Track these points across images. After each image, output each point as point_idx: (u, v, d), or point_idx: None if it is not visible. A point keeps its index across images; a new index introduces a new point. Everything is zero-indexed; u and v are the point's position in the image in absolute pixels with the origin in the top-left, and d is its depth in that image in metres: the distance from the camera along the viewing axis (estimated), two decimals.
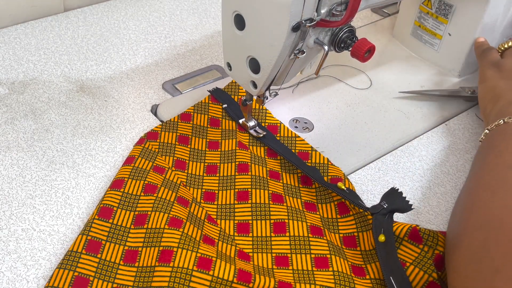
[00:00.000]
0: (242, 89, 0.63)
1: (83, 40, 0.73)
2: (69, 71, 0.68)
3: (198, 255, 0.44)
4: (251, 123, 0.58)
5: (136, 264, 0.45)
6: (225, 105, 0.61)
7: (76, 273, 0.44)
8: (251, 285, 0.43)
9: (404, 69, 0.73)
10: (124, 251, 0.46)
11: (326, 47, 0.48)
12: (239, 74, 0.51)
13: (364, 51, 0.48)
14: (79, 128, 0.59)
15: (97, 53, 0.71)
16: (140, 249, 0.46)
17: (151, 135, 0.57)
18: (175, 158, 0.55)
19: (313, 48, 0.49)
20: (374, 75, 0.71)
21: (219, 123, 0.60)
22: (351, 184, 0.53)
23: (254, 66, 0.49)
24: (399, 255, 0.44)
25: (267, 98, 0.54)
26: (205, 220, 0.49)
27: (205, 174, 0.55)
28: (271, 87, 0.51)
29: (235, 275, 0.42)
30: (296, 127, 0.62)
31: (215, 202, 0.52)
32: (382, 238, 0.45)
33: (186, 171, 0.54)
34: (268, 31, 0.45)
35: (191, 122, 0.59)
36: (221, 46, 0.53)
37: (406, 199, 0.46)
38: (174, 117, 0.60)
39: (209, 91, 0.62)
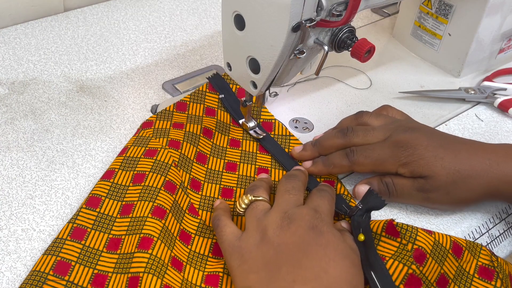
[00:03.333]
0: None
1: (83, 40, 0.73)
2: (69, 71, 0.68)
3: (172, 254, 0.45)
4: (251, 124, 0.58)
5: (118, 252, 0.46)
6: (221, 96, 0.61)
7: (58, 258, 0.45)
8: None
9: (404, 69, 0.73)
10: (108, 239, 0.47)
11: (326, 47, 0.48)
12: (239, 74, 0.51)
13: (364, 51, 0.48)
14: (79, 128, 0.59)
15: (97, 53, 0.71)
16: (123, 237, 0.47)
17: (146, 125, 0.58)
18: (169, 138, 0.55)
19: (313, 48, 0.49)
20: (374, 75, 0.71)
21: (214, 113, 0.60)
22: (345, 187, 0.53)
23: (254, 66, 0.49)
24: (378, 251, 0.45)
25: (267, 99, 0.54)
26: (186, 210, 0.50)
27: (195, 160, 0.55)
28: (271, 87, 0.52)
29: (203, 281, 0.45)
30: (296, 127, 0.62)
31: (200, 192, 0.52)
32: (361, 237, 0.45)
33: (179, 150, 0.54)
34: (268, 31, 0.45)
35: (186, 112, 0.60)
36: (221, 46, 0.53)
37: (379, 195, 0.48)
38: (170, 106, 0.60)
39: (208, 78, 0.63)
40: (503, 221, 0.54)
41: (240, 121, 0.59)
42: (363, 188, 0.52)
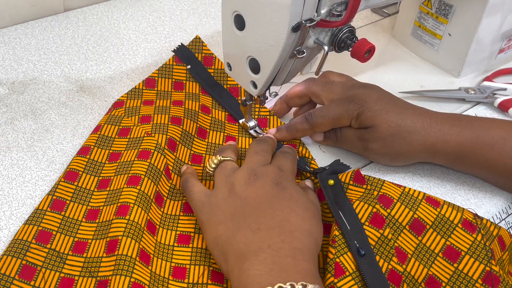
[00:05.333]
0: (206, 46, 0.65)
1: (83, 40, 0.73)
2: (69, 71, 0.68)
3: (148, 218, 0.47)
4: (251, 124, 0.58)
5: (97, 221, 0.48)
6: (188, 66, 0.63)
7: (40, 228, 0.47)
8: (190, 245, 0.48)
9: (404, 69, 0.73)
10: (87, 210, 0.49)
11: (326, 47, 0.48)
12: (239, 74, 0.51)
13: (364, 51, 0.48)
14: (79, 128, 0.59)
15: (97, 53, 0.71)
16: (101, 208, 0.49)
17: (117, 104, 0.60)
18: (140, 115, 0.57)
19: (313, 48, 0.49)
20: (374, 75, 0.71)
21: (183, 86, 0.62)
22: (306, 149, 0.56)
23: (254, 66, 0.49)
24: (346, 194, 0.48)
25: (267, 98, 0.54)
26: (163, 172, 0.51)
27: (169, 123, 0.56)
28: (271, 87, 0.52)
29: (176, 240, 0.48)
30: None
31: (175, 154, 0.54)
32: (331, 182, 0.49)
33: (151, 122, 0.56)
34: (268, 31, 0.45)
35: (155, 89, 0.62)
36: (221, 46, 0.53)
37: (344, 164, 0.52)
38: (139, 84, 0.62)
39: (173, 50, 0.64)
40: (503, 221, 0.54)
41: (240, 121, 0.59)
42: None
